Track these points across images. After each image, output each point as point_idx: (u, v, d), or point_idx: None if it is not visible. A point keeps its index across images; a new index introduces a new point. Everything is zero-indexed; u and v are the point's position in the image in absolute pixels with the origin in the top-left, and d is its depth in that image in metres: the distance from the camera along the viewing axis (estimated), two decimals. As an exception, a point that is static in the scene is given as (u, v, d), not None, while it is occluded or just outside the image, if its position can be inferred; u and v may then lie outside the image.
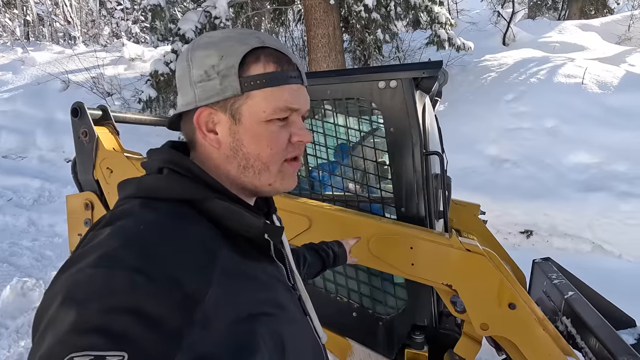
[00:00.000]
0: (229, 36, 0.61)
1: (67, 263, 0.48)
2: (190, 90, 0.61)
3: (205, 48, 0.60)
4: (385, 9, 6.15)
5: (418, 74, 1.57)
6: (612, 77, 6.20)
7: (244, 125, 0.61)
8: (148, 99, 6.16)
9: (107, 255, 0.46)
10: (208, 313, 0.47)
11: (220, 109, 0.61)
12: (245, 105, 0.60)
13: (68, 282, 0.45)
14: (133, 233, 0.50)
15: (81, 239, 0.54)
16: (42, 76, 9.06)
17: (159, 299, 0.44)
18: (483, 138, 5.56)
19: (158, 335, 0.42)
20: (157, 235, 0.51)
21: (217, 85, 0.59)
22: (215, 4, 6.22)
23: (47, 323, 0.42)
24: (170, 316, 0.44)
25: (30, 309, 3.49)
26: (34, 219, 5.59)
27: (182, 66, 0.63)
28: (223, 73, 0.59)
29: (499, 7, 12.63)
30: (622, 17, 11.70)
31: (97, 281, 0.44)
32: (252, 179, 0.63)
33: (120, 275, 0.44)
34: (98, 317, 0.41)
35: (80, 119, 1.99)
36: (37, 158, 7.61)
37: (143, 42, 14.87)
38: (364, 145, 1.76)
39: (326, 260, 1.18)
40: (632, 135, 5.01)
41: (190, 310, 0.46)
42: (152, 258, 0.47)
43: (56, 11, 16.29)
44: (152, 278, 0.45)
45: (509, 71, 6.81)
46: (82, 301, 0.42)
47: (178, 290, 0.46)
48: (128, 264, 0.45)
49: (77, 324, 0.40)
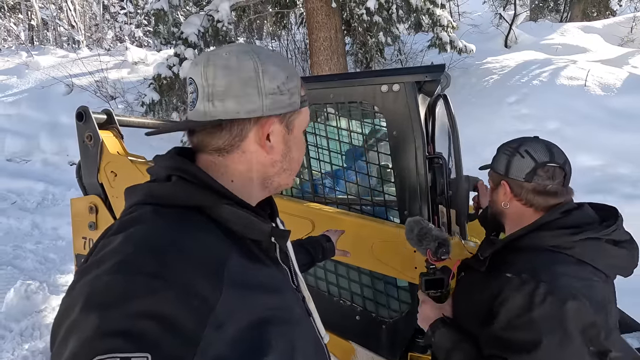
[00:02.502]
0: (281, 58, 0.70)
1: (83, 270, 0.49)
2: (258, 99, 0.63)
3: (275, 65, 0.65)
4: (387, 12, 6.18)
5: (421, 77, 1.58)
6: (615, 79, 6.19)
7: (294, 134, 0.70)
8: (151, 102, 6.20)
9: (124, 261, 0.48)
10: (221, 318, 0.49)
11: (279, 120, 0.67)
12: (297, 119, 0.70)
13: (87, 288, 0.46)
14: (146, 240, 0.52)
15: (92, 247, 0.55)
16: (47, 80, 9.13)
17: (177, 303, 0.46)
18: (485, 140, 5.55)
19: (177, 339, 0.44)
20: (170, 242, 0.52)
21: (286, 99, 0.66)
22: (217, 7, 6.26)
23: (68, 328, 0.44)
24: (187, 320, 0.45)
25: (34, 311, 3.50)
26: (37, 222, 5.62)
27: (247, 75, 0.62)
28: (292, 91, 0.67)
29: (501, 10, 12.65)
30: (624, 19, 11.68)
31: (116, 286, 0.45)
32: (286, 179, 0.72)
33: (139, 281, 0.46)
34: (120, 321, 0.42)
35: (85, 123, 2.01)
36: (41, 161, 7.66)
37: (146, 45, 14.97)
38: (367, 148, 1.77)
39: (314, 255, 1.21)
40: (635, 138, 5.00)
41: (205, 314, 0.48)
42: (167, 264, 0.49)
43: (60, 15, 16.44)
44: (169, 283, 0.47)
45: (511, 73, 6.81)
46: (103, 306, 0.44)
47: (193, 295, 0.48)
48: (145, 270, 0.47)
49: (100, 328, 0.42)
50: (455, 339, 1.04)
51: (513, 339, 0.90)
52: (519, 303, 0.91)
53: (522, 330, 0.89)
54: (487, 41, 9.45)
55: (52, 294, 3.80)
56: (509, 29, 9.67)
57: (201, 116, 0.63)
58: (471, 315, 1.04)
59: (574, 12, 13.49)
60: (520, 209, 1.07)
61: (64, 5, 15.67)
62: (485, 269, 1.05)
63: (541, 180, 1.03)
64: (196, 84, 0.63)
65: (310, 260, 1.19)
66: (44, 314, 3.45)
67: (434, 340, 1.09)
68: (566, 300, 0.88)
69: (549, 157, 1.04)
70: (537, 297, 0.89)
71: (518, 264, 0.98)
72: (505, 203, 1.10)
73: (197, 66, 0.63)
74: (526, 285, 0.91)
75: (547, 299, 0.88)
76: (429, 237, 1.20)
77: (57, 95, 8.80)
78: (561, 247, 0.97)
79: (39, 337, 3.19)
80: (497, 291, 0.96)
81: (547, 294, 0.89)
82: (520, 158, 1.05)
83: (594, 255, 0.97)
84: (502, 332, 0.92)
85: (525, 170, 1.04)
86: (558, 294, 0.89)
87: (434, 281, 1.23)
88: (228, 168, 0.65)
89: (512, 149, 1.09)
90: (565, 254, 0.96)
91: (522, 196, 1.06)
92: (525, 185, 1.04)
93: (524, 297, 0.90)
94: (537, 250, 0.99)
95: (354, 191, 1.84)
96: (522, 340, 0.89)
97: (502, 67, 7.16)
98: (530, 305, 0.89)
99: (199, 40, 6.26)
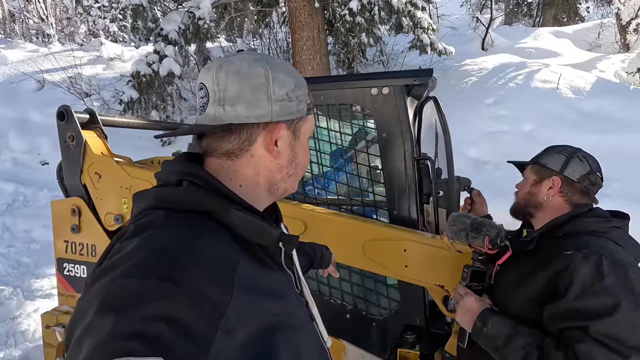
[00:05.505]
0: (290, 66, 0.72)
1: (98, 273, 0.50)
2: (268, 105, 0.64)
3: (284, 73, 0.67)
4: (369, 13, 6.24)
5: (410, 81, 1.62)
6: (584, 83, 6.49)
7: (300, 140, 0.72)
8: (129, 100, 6.03)
9: (138, 265, 0.49)
10: (232, 322, 0.50)
11: (287, 126, 0.68)
12: (303, 126, 0.72)
13: (102, 291, 0.47)
14: (160, 244, 0.52)
15: (106, 250, 0.55)
16: (15, 75, 8.70)
17: (190, 308, 0.47)
18: (465, 140, 5.71)
19: (190, 342, 0.45)
20: (182, 246, 0.53)
21: (294, 106, 0.68)
22: (199, 4, 6.16)
23: (83, 331, 0.44)
24: (199, 324, 0.46)
25: (8, 318, 3.36)
26: (8, 224, 5.37)
27: (258, 81, 0.63)
28: (300, 98, 0.69)
29: (478, 13, 13.01)
30: (592, 25, 12.27)
31: (131, 290, 0.46)
32: (291, 184, 0.73)
33: (153, 285, 0.47)
34: (134, 324, 0.43)
35: (67, 122, 1.93)
36: (10, 160, 7.31)
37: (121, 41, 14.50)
38: (357, 150, 1.80)
39: (314, 258, 1.23)
40: (604, 138, 5.26)
41: (216, 319, 0.48)
42: (180, 269, 0.49)
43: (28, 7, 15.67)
44: (182, 288, 0.47)
45: (488, 76, 7.03)
46: (118, 309, 0.44)
47: (205, 300, 0.49)
48: (159, 274, 0.48)
49: (115, 331, 0.42)
50: (513, 323, 1.09)
51: (591, 305, 0.97)
52: (589, 272, 0.99)
53: (598, 296, 0.97)
54: (465, 44, 9.70)
55: (26, 300, 3.65)
56: (485, 33, 9.96)
57: (211, 120, 0.64)
58: (529, 300, 1.10)
59: (545, 17, 14.05)
60: (559, 203, 1.21)
61: (33, -3, 14.96)
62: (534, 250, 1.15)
63: (589, 185, 1.20)
64: (207, 89, 0.64)
65: (310, 262, 1.20)
66: (19, 321, 3.31)
67: (487, 331, 1.12)
68: (627, 268, 1.00)
69: (598, 167, 1.23)
70: (604, 266, 0.99)
71: (572, 245, 1.08)
72: (547, 196, 1.22)
73: (209, 72, 0.64)
74: (591, 257, 1.01)
75: (613, 267, 0.99)
76: (488, 225, 1.26)
77: (27, 92, 8.41)
78: (599, 232, 1.12)
79: (14, 345, 3.06)
80: (560, 268, 1.04)
81: (612, 263, 1.00)
82: (578, 161, 1.21)
83: (624, 240, 1.12)
84: (576, 302, 0.99)
85: (581, 172, 1.20)
86: (619, 263, 1.01)
87: (479, 273, 1.27)
88: (237, 172, 0.66)
89: (569, 152, 1.23)
90: (605, 237, 1.10)
91: (568, 193, 1.20)
92: (576, 184, 1.20)
93: (592, 268, 0.99)
94: (581, 234, 1.12)
95: (343, 192, 1.87)
96: (601, 305, 0.96)
97: (480, 69, 7.38)
98: (600, 274, 0.98)
99: (180, 38, 6.13)
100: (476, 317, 1.16)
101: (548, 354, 0.99)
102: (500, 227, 1.26)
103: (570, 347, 0.97)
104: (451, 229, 1.31)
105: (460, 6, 15.74)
